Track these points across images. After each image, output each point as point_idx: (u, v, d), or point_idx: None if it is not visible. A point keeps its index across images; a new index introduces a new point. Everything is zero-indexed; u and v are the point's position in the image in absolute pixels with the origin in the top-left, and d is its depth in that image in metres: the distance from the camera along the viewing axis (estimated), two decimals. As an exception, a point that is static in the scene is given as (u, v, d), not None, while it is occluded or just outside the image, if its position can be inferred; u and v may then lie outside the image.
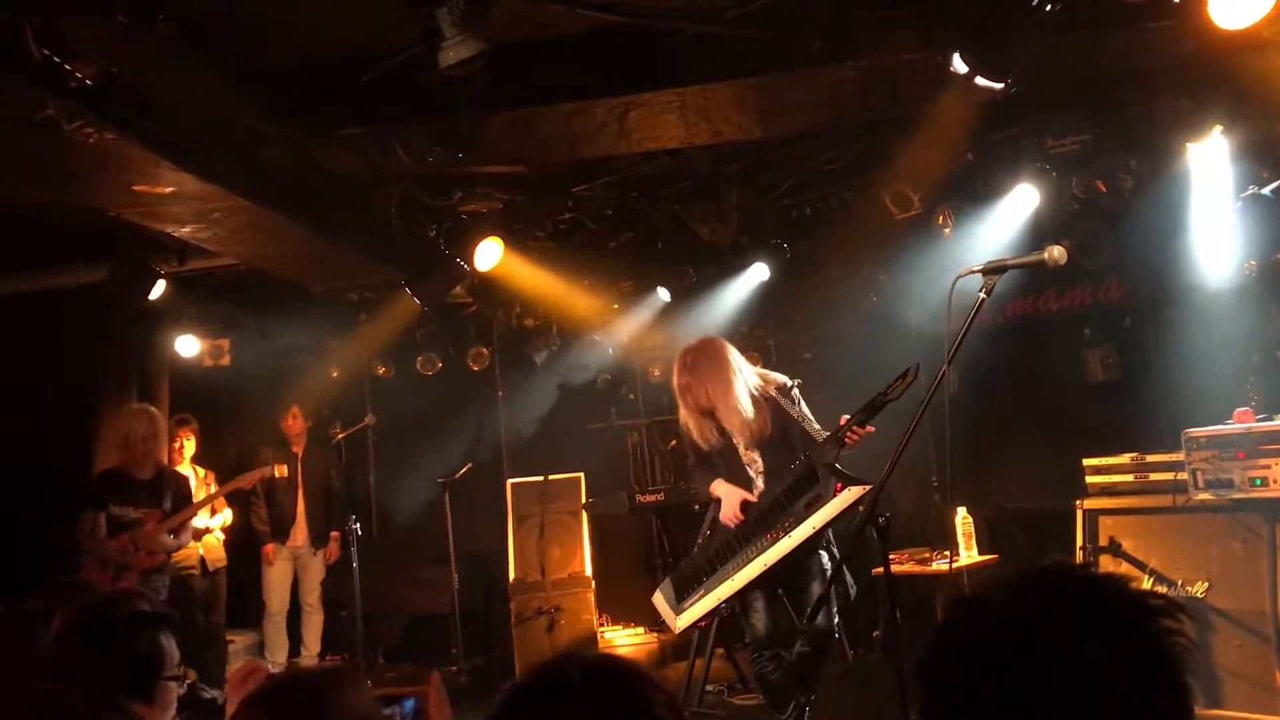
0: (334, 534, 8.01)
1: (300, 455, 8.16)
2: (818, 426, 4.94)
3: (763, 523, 4.86)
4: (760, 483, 5.03)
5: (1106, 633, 1.09)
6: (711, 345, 5.14)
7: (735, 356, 5.09)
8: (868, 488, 4.45)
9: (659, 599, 5.20)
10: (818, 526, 4.66)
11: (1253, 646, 4.66)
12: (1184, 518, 4.97)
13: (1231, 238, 5.85)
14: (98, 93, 3.84)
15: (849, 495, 4.56)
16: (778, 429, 4.98)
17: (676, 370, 5.15)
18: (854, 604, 5.48)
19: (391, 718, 2.32)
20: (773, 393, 5.03)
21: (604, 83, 4.87)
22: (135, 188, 5.00)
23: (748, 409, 4.97)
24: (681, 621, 5.04)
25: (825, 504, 4.64)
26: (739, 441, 5.05)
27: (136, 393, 7.29)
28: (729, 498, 5.03)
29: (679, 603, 5.04)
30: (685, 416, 5.16)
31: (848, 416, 4.62)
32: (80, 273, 6.91)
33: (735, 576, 4.84)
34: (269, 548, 8.01)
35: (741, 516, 4.98)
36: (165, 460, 6.94)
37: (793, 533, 4.72)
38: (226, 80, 4.57)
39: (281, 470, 7.98)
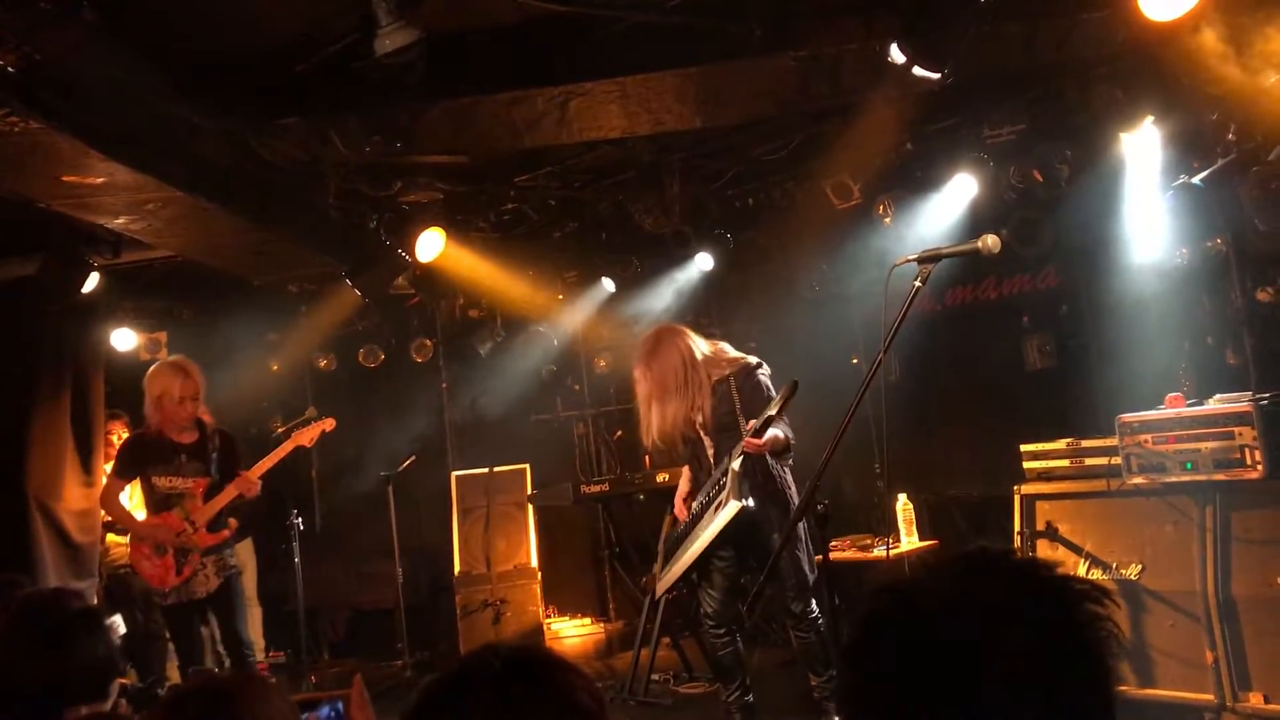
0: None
1: None
2: (772, 413, 4.96)
3: (700, 515, 5.01)
4: (713, 469, 5.15)
5: (1030, 618, 1.09)
6: (660, 337, 5.22)
7: (688, 344, 5.15)
8: (742, 505, 4.59)
9: (658, 562, 5.62)
10: (706, 544, 4.83)
11: (1185, 626, 4.76)
12: (1118, 502, 5.06)
13: (1164, 226, 5.96)
14: (22, 81, 3.74)
15: (725, 513, 4.68)
16: (725, 413, 5.03)
17: (634, 365, 5.34)
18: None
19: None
20: (727, 375, 5.05)
21: (544, 72, 4.84)
22: (65, 178, 4.88)
23: (692, 398, 5.02)
24: (659, 589, 5.60)
25: (716, 515, 4.78)
26: (699, 427, 5.11)
27: (71, 388, 7.12)
28: (677, 495, 5.42)
29: (662, 570, 5.44)
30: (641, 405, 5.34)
31: (754, 422, 4.70)
32: (10, 265, 6.73)
33: (679, 562, 5.14)
34: None
35: (684, 513, 5.25)
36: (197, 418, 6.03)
37: (696, 541, 4.91)
38: (160, 70, 4.47)
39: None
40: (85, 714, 2.44)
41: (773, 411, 4.56)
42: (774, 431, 4.79)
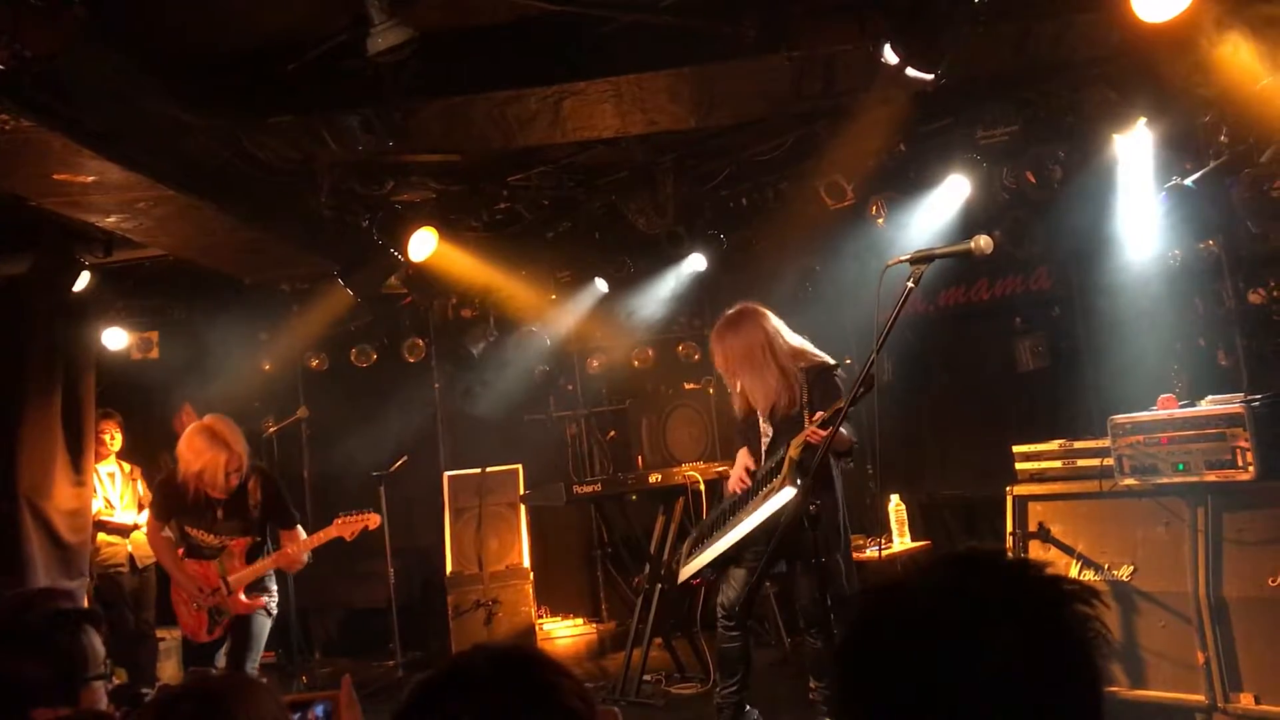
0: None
1: None
2: (844, 405, 4.88)
3: (742, 500, 4.97)
4: (764, 457, 5.12)
5: (1019, 618, 1.09)
6: (742, 316, 5.21)
7: (770, 328, 5.11)
8: (797, 491, 4.53)
9: (684, 550, 5.50)
10: (751, 528, 4.76)
11: (1176, 627, 4.76)
12: (1110, 503, 5.06)
13: (1156, 228, 5.97)
14: (11, 78, 3.72)
15: (779, 498, 4.63)
16: (792, 407, 5.01)
17: (711, 338, 5.33)
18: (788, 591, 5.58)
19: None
20: (802, 369, 5.02)
21: (537, 71, 4.83)
22: (56, 176, 4.87)
23: (768, 383, 5.01)
24: (681, 575, 5.40)
25: (767, 500, 4.72)
26: (760, 413, 5.10)
27: (62, 387, 7.10)
28: (735, 467, 5.30)
29: (686, 558, 5.32)
30: (726, 383, 5.35)
31: (821, 413, 4.65)
32: (1, 264, 6.72)
33: (713, 548, 5.04)
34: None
35: (745, 484, 5.14)
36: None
37: (741, 523, 4.83)
38: (151, 69, 4.46)
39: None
40: (69, 714, 2.42)
41: (845, 404, 4.45)
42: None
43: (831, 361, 5.10)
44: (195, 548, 5.56)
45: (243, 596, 5.47)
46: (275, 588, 5.73)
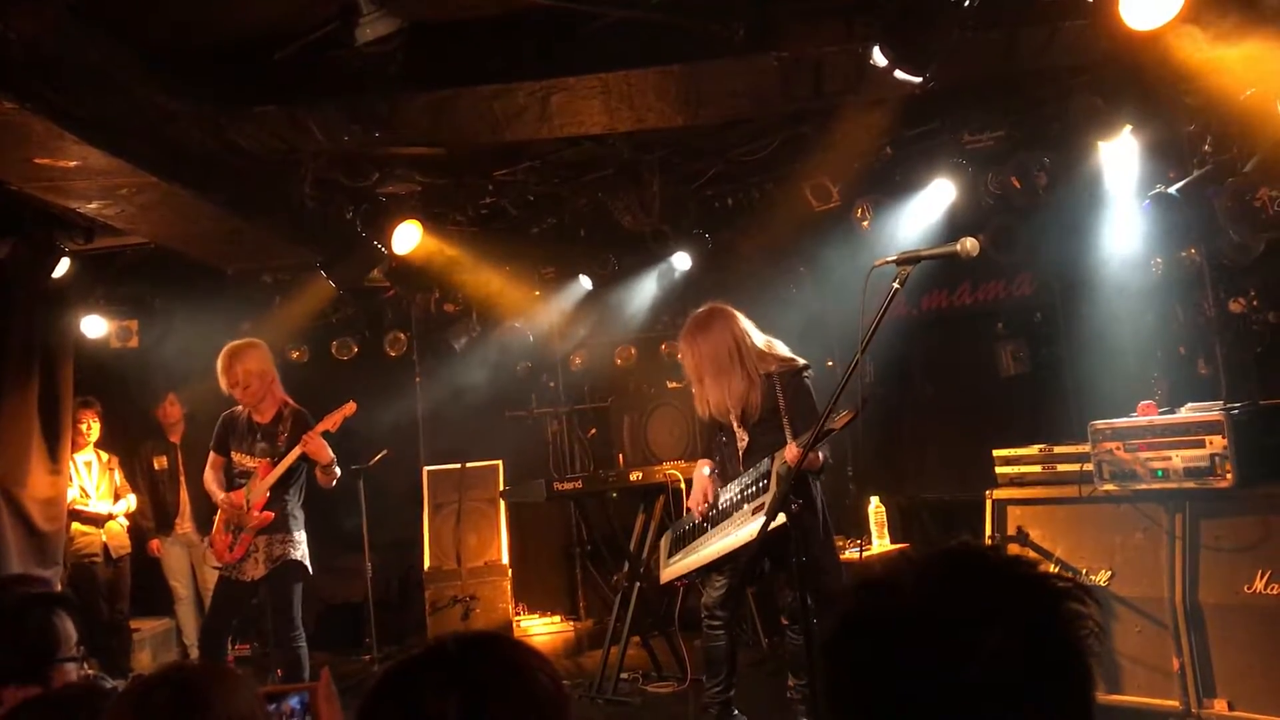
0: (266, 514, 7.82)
1: (179, 444, 8.01)
2: (834, 428, 4.82)
3: (728, 511, 4.96)
4: (740, 463, 5.07)
5: (1012, 615, 1.09)
6: (712, 316, 5.15)
7: (740, 329, 5.07)
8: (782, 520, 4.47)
9: (663, 545, 5.48)
10: (738, 545, 4.72)
11: (1152, 633, 4.80)
12: (1089, 508, 5.09)
13: (1139, 235, 6.00)
14: (-5, 60, 3.69)
15: (754, 527, 4.56)
16: (767, 410, 4.97)
17: (680, 338, 5.26)
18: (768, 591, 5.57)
19: (280, 715, 2.26)
20: (774, 371, 4.99)
21: (526, 66, 4.81)
22: (37, 161, 4.81)
23: (734, 387, 4.97)
24: (664, 576, 5.37)
25: (754, 518, 4.68)
26: (732, 417, 5.06)
27: (39, 375, 7.04)
28: (695, 488, 5.23)
29: (668, 558, 5.29)
30: (689, 383, 5.27)
31: (807, 436, 4.60)
32: (-21, 249, 6.65)
33: (699, 554, 5.01)
34: (154, 543, 7.89)
35: (703, 507, 5.11)
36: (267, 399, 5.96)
37: (729, 536, 4.79)
38: (136, 54, 4.43)
39: (161, 461, 7.87)
40: (41, 693, 2.41)
41: (835, 427, 4.33)
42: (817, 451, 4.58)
43: (802, 363, 5.08)
44: (233, 478, 5.91)
45: (256, 510, 5.76)
46: (301, 538, 5.91)
